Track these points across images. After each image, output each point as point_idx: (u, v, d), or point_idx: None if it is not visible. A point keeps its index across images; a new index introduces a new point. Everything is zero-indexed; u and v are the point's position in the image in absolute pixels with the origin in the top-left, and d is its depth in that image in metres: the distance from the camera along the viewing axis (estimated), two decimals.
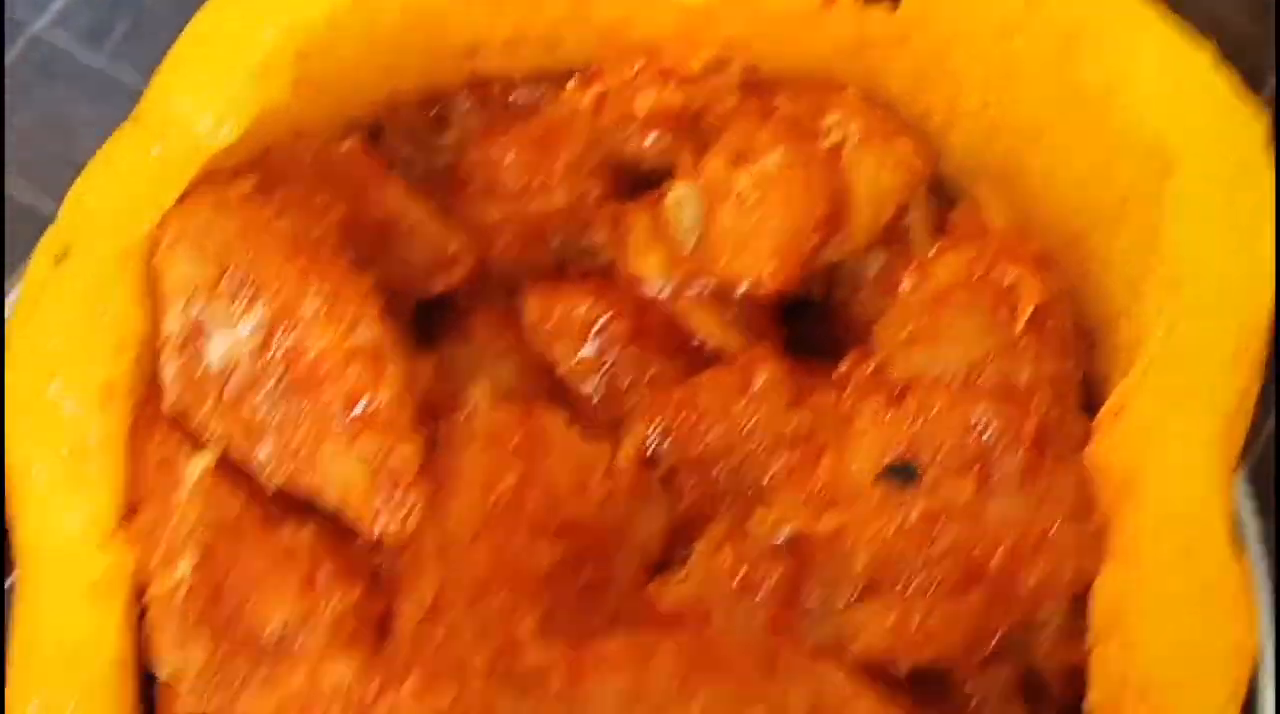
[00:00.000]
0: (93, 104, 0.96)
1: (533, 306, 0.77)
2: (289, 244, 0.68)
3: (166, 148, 0.67)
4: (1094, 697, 0.63)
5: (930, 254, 0.70)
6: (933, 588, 0.66)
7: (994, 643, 0.67)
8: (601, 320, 0.76)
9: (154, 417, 0.69)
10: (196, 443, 0.69)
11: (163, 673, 0.67)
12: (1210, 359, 0.61)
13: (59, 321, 0.67)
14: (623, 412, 0.75)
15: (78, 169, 0.69)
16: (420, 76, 0.78)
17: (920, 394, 0.66)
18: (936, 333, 0.67)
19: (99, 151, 0.68)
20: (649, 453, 0.73)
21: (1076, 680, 0.67)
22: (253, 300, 0.67)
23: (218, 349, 0.68)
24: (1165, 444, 0.60)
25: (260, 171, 0.71)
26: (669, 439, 0.73)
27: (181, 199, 0.68)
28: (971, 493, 0.65)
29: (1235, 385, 0.62)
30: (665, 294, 0.75)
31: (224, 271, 0.67)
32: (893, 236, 0.77)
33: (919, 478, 0.65)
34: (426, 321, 0.78)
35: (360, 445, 0.68)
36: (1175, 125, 0.63)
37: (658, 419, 0.73)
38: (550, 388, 0.77)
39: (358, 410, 0.68)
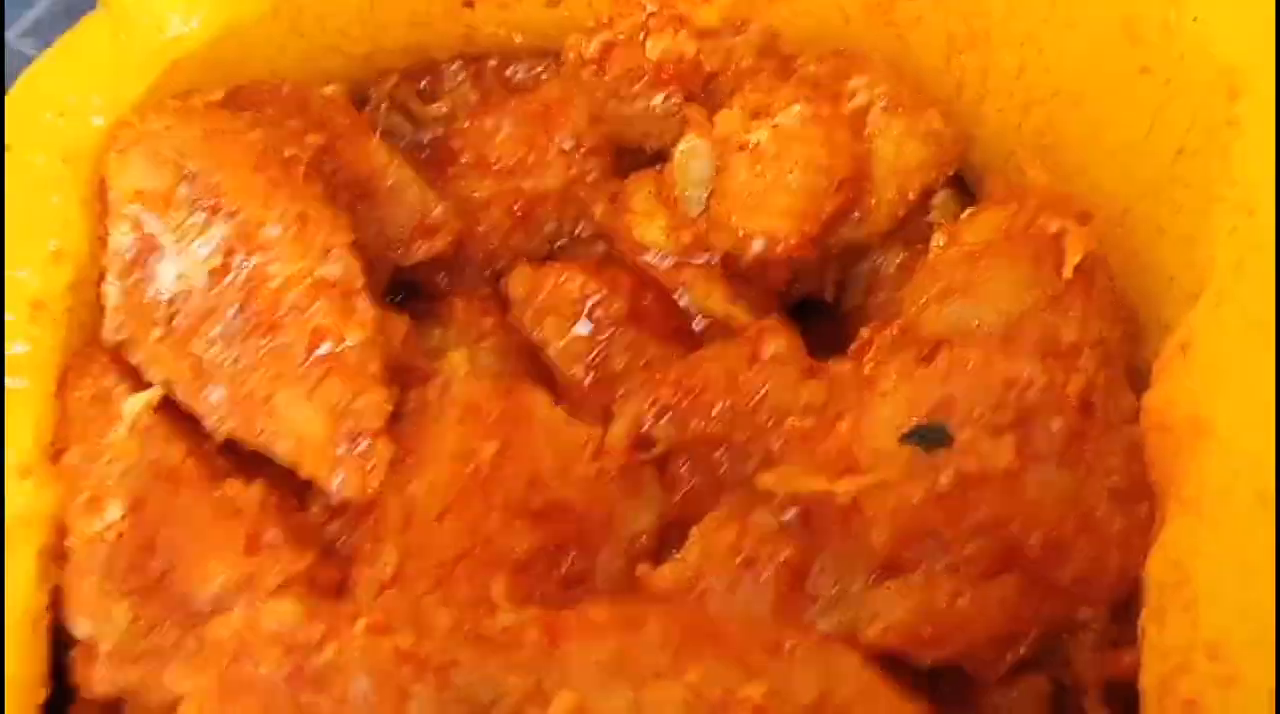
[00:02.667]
0: None
1: (520, 280, 0.70)
2: (258, 155, 0.61)
3: (130, 39, 0.61)
4: (1148, 679, 0.54)
5: (963, 217, 0.64)
6: (963, 568, 0.58)
7: (1028, 642, 0.59)
8: (595, 297, 0.69)
9: (92, 345, 0.62)
10: (138, 379, 0.62)
11: (80, 631, 0.59)
12: None
13: None
14: (614, 398, 0.68)
15: None
16: (411, 28, 0.72)
17: (954, 350, 0.59)
18: (972, 287, 0.60)
19: (60, 38, 0.61)
20: (644, 433, 0.66)
21: (1111, 700, 0.60)
22: (212, 213, 0.60)
23: (169, 272, 0.61)
24: (1237, 381, 0.53)
25: (232, 95, 0.65)
26: (667, 418, 0.65)
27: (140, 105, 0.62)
28: (1010, 458, 0.57)
29: None
30: (668, 264, 0.68)
31: (181, 179, 0.60)
32: (914, 233, 0.71)
33: (951, 440, 0.57)
34: (400, 306, 0.71)
35: (323, 391, 0.61)
36: (1243, 44, 0.57)
37: (655, 396, 0.65)
38: (535, 373, 0.70)
39: (322, 351, 0.61)
